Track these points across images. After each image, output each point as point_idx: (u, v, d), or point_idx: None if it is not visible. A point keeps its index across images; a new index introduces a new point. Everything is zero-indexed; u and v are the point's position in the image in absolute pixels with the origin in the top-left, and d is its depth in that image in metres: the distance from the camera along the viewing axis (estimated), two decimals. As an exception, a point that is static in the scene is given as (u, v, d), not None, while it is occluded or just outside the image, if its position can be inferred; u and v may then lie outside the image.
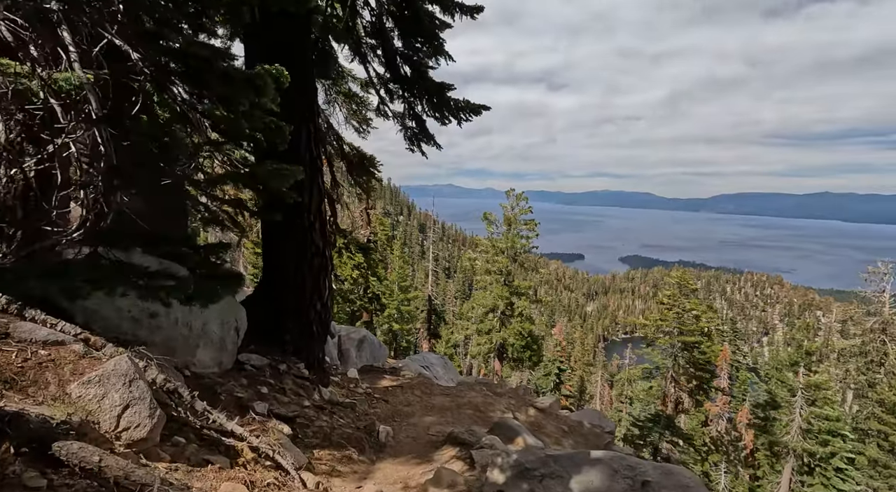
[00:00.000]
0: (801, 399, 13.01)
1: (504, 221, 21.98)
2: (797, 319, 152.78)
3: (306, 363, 4.45)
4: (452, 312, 65.86)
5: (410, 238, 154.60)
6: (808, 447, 12.31)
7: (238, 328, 3.81)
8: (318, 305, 4.51)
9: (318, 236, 4.43)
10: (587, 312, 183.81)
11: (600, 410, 50.72)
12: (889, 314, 29.42)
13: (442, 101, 4.30)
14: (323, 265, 4.54)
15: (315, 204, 4.35)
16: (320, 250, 4.47)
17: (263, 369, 3.96)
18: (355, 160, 11.62)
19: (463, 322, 24.84)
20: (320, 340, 4.68)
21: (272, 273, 4.46)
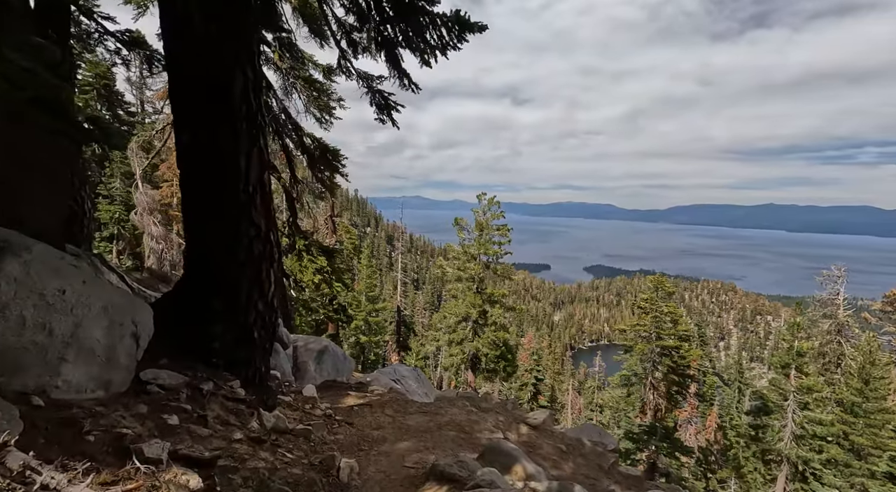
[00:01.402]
0: (793, 403, 12.77)
1: (475, 226, 21.27)
2: (750, 324, 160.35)
3: (243, 380, 3.38)
4: (422, 324, 64.60)
5: (378, 250, 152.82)
6: (803, 454, 12.02)
7: (137, 334, 2.73)
8: (259, 304, 3.47)
9: (260, 215, 3.41)
10: (554, 322, 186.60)
11: (571, 418, 50.48)
12: (843, 317, 30.61)
13: (415, 11, 3.33)
14: (266, 253, 3.52)
15: (256, 172, 3.34)
16: (263, 233, 3.45)
17: (178, 389, 2.88)
18: (317, 153, 10.54)
19: (434, 333, 23.82)
20: (263, 350, 3.62)
21: (197, 262, 3.40)
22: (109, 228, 18.06)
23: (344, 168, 10.99)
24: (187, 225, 3.38)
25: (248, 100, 3.27)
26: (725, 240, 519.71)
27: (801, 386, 12.76)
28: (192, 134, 3.20)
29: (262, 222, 3.49)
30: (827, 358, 30.83)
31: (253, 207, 3.39)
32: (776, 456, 13.00)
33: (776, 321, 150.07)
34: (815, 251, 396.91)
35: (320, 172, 11.17)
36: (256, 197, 3.41)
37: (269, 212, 3.57)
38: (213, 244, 3.31)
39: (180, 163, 3.31)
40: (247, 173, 3.33)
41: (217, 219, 3.30)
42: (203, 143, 3.19)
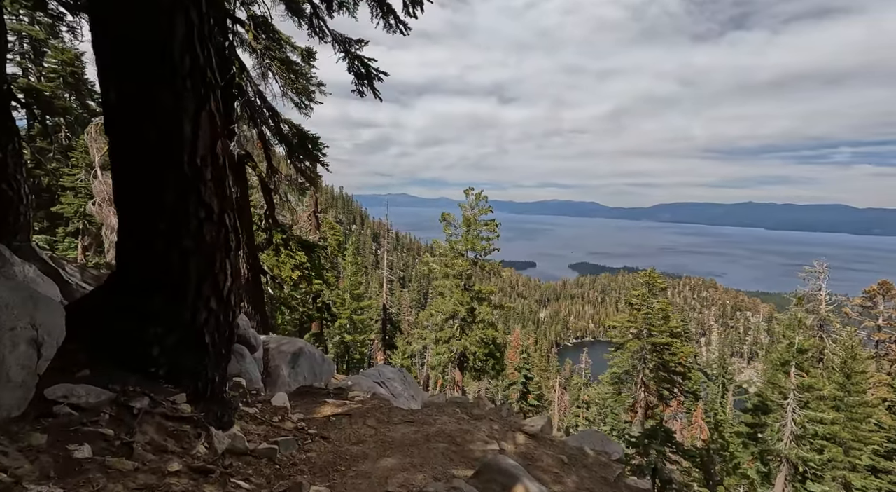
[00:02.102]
0: (793, 402, 12.53)
1: (463, 221, 20.75)
2: (730, 320, 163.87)
3: (191, 393, 2.78)
4: (408, 322, 63.99)
5: (364, 247, 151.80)
6: (804, 455, 11.78)
7: (39, 341, 2.12)
8: (212, 300, 2.87)
9: (212, 193, 2.81)
10: (540, 319, 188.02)
11: (558, 415, 50.53)
12: (825, 312, 31.01)
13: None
14: (221, 239, 2.92)
15: (205, 141, 2.73)
16: (216, 216, 2.84)
17: (98, 409, 2.27)
18: (296, 141, 9.88)
19: (420, 331, 23.27)
20: (218, 356, 3.02)
21: (132, 251, 2.78)
22: (74, 222, 17.00)
23: (325, 157, 10.34)
24: (120, 205, 2.76)
25: (193, 51, 2.66)
26: (706, 237, 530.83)
27: (802, 384, 12.52)
28: (120, 91, 2.59)
29: (214, 202, 2.88)
30: (809, 353, 31.16)
31: (202, 183, 2.78)
32: (775, 457, 12.75)
33: (755, 317, 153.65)
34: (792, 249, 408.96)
35: (299, 162, 10.51)
36: (206, 171, 2.80)
37: (225, 190, 2.96)
38: (152, 229, 2.70)
39: (108, 127, 2.69)
40: (193, 141, 2.72)
41: (156, 197, 2.68)
42: (134, 102, 2.57)
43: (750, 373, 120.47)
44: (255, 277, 10.21)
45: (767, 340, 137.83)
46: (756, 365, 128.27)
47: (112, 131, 2.68)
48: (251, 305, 10.14)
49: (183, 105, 2.65)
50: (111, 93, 2.59)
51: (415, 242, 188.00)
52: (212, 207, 2.87)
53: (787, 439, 12.37)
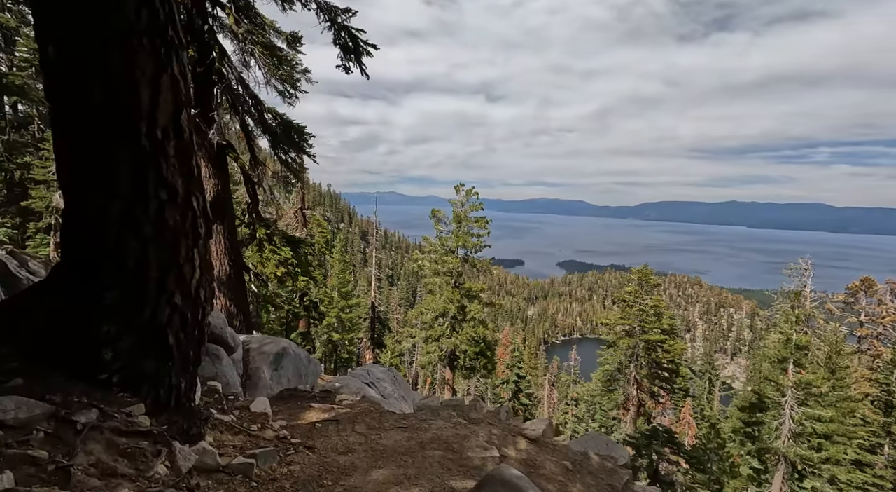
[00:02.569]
0: (791, 399, 12.43)
1: (453, 218, 20.41)
2: (714, 316, 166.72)
3: (152, 403, 2.40)
4: (397, 321, 63.55)
5: (352, 246, 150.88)
6: (802, 453, 11.69)
7: (-51, 343, 1.72)
8: (176, 296, 2.48)
9: (175, 171, 2.42)
10: (528, 317, 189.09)
11: (547, 412, 50.61)
12: (810, 309, 31.43)
13: None
14: (188, 226, 2.53)
15: (167, 109, 2.34)
16: (181, 198, 2.45)
17: (31, 426, 1.88)
18: (280, 131, 9.43)
19: (409, 329, 22.90)
20: (185, 359, 2.64)
21: (81, 239, 2.38)
22: (46, 217, 16.22)
23: (311, 149, 9.91)
24: (66, 185, 2.36)
25: (152, 2, 2.26)
26: (691, 236, 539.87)
27: (800, 381, 12.43)
28: (62, 47, 2.18)
29: (178, 182, 2.49)
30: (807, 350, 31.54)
31: (163, 159, 2.39)
32: (773, 455, 12.67)
33: (738, 314, 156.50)
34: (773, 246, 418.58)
35: (284, 154, 10.06)
36: (168, 145, 2.41)
37: (191, 169, 2.57)
38: (103, 212, 2.30)
39: (49, 92, 2.28)
40: (152, 110, 2.32)
41: (108, 175, 2.29)
42: (79, 61, 2.17)
43: (733, 369, 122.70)
44: (238, 274, 9.74)
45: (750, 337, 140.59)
46: (739, 361, 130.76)
47: (54, 97, 2.27)
48: (234, 303, 9.67)
49: (139, 66, 2.26)
50: (50, 49, 2.18)
51: (403, 240, 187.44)
52: (175, 187, 2.47)
53: (785, 437, 12.30)
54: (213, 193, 9.14)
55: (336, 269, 32.03)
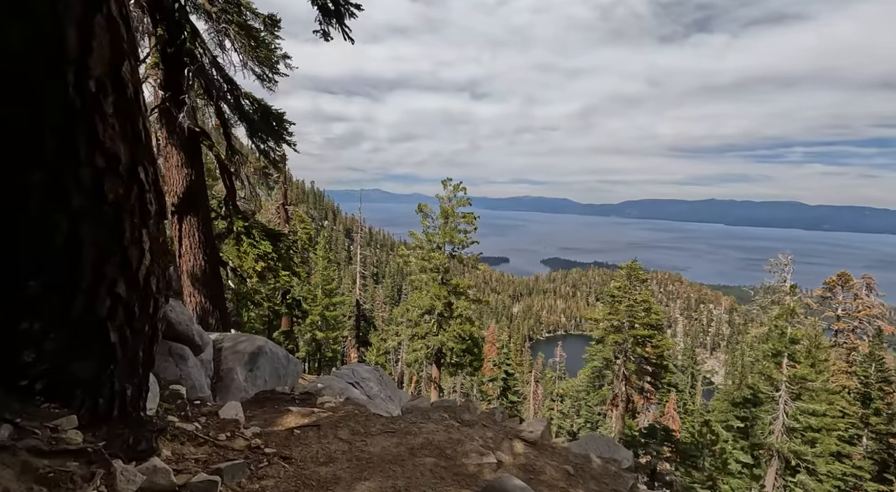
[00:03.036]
0: (784, 394, 12.38)
1: (440, 213, 20.03)
2: (694, 312, 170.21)
3: (88, 414, 1.98)
4: (382, 318, 62.97)
5: (336, 243, 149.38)
6: (797, 448, 11.63)
7: None
8: (119, 285, 2.06)
9: (116, 134, 2.00)
10: (513, 314, 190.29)
11: (533, 409, 50.73)
12: (791, 302, 31.96)
13: None
14: (133, 201, 2.11)
15: (103, 58, 1.92)
16: (123, 166, 2.03)
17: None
18: (257, 118, 8.92)
19: (395, 327, 22.48)
20: (131, 361, 2.21)
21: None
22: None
23: (291, 137, 9.41)
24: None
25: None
26: (671, 233, 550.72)
27: (794, 375, 12.39)
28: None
29: (121, 148, 2.06)
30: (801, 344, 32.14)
31: (99, 118, 1.96)
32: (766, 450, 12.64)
33: (717, 309, 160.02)
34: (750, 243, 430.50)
35: (263, 142, 9.53)
36: (106, 101, 1.98)
37: (138, 133, 2.15)
38: (23, 180, 1.87)
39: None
40: (82, 56, 1.89)
41: (27, 134, 1.85)
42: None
43: (713, 363, 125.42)
44: (214, 270, 9.20)
45: (729, 332, 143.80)
46: (718, 355, 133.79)
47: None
48: (209, 299, 9.14)
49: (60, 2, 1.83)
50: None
51: (388, 237, 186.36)
52: (116, 153, 2.05)
53: (779, 433, 12.26)
54: (185, 183, 8.59)
55: (320, 266, 31.35)
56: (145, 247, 2.24)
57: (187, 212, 8.61)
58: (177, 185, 8.49)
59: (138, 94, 2.20)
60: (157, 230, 2.36)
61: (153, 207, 2.29)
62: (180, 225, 8.67)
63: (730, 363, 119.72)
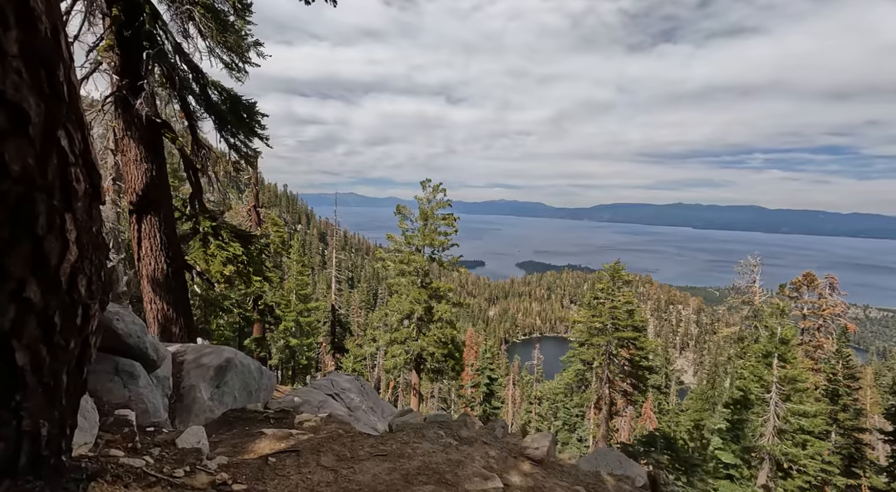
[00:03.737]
0: (775, 395, 12.30)
1: (419, 215, 19.53)
2: (664, 313, 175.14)
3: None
4: (357, 324, 61.78)
5: (310, 248, 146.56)
6: (788, 450, 11.51)
7: None
8: (29, 286, 1.51)
9: (22, 82, 1.44)
10: (489, 317, 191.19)
11: (511, 412, 50.57)
12: (759, 302, 32.90)
13: None
14: (52, 175, 1.56)
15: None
16: (34, 126, 1.48)
17: None
18: (226, 108, 8.25)
19: (372, 332, 21.80)
20: (51, 387, 1.66)
21: None
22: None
23: (264, 130, 8.77)
24: None
25: None
26: (641, 236, 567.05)
27: (785, 376, 12.32)
28: None
29: (30, 103, 1.52)
30: (746, 342, 33.12)
31: None
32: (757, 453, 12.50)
33: (686, 310, 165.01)
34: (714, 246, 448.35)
35: (233, 135, 8.85)
36: (6, 38, 1.44)
37: (58, 88, 1.61)
38: None
39: None
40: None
41: None
42: None
43: (682, 362, 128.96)
44: (178, 274, 8.43)
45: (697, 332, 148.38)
46: (687, 355, 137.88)
47: None
48: (172, 307, 8.37)
49: None
50: None
51: (364, 241, 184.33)
52: (23, 109, 1.50)
53: (770, 435, 12.16)
54: (145, 179, 7.83)
55: (294, 270, 30.30)
56: (70, 237, 1.69)
57: (147, 211, 7.86)
58: (135, 181, 7.73)
59: (58, 35, 1.66)
60: (88, 217, 1.81)
61: (83, 185, 1.75)
62: (139, 225, 7.90)
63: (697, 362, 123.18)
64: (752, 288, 33.55)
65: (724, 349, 40.33)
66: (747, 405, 12.75)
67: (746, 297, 33.21)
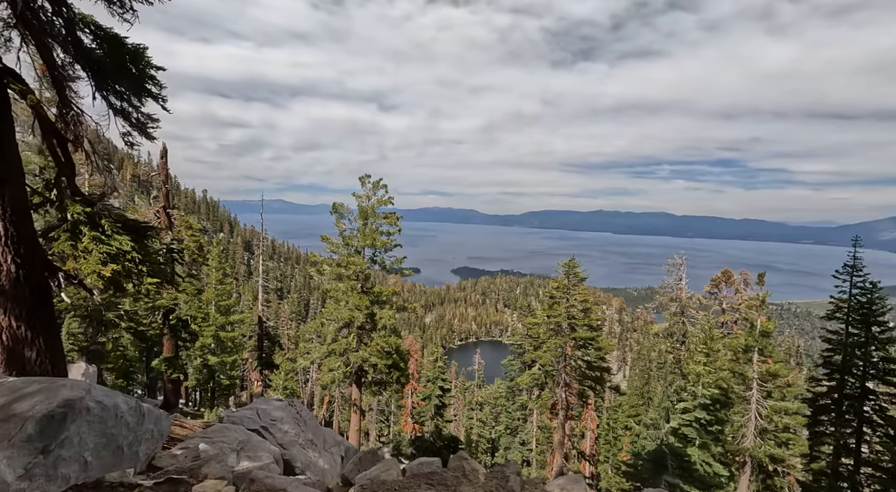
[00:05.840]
0: (756, 392, 11.75)
1: (359, 213, 17.79)
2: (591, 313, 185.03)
3: None
4: (288, 336, 57.60)
5: (234, 257, 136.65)
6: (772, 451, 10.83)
7: None
8: None
9: None
10: (426, 324, 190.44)
11: (453, 418, 49.41)
12: (686, 299, 34.81)
13: None
14: None
15: None
16: None
17: None
18: (104, 55, 6.23)
19: (306, 344, 19.53)
20: None
21: None
22: None
23: (162, 90, 6.80)
24: None
25: None
26: (568, 241, 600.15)
27: (767, 372, 11.80)
28: None
29: None
30: (674, 337, 34.84)
31: None
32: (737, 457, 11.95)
33: (609, 310, 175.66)
34: (632, 249, 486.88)
35: (119, 97, 6.78)
36: None
37: None
38: None
39: None
40: None
41: None
42: None
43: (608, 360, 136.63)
44: (36, 278, 6.18)
45: (619, 330, 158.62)
46: (612, 353, 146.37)
47: None
48: (26, 322, 6.09)
49: None
50: None
51: (294, 249, 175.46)
52: None
53: (752, 436, 11.52)
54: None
55: (213, 278, 26.89)
56: None
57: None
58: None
59: None
60: None
61: None
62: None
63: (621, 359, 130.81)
64: (679, 285, 35.49)
65: (655, 345, 42.24)
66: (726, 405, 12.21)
67: (674, 294, 35.04)
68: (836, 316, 14.98)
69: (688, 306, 33.99)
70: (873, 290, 14.80)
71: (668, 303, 35.41)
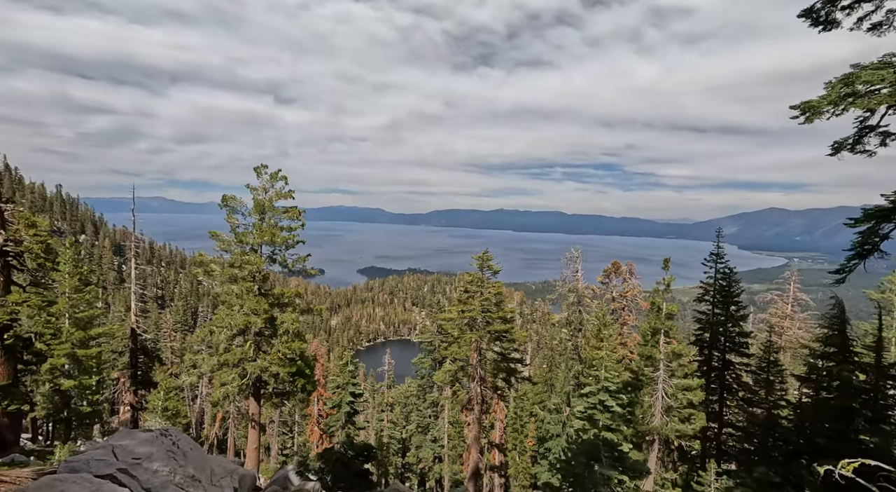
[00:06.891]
0: (663, 372, 12.58)
1: (254, 207, 15.91)
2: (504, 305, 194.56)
3: None
4: (172, 350, 51.00)
5: (102, 262, 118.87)
6: (677, 427, 11.66)
7: None
8: None
9: None
10: (332, 327, 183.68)
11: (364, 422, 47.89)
12: (582, 289, 37.61)
13: None
14: None
15: None
16: None
17: None
18: None
19: (192, 357, 17.06)
20: None
21: None
22: None
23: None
24: None
25: None
26: (471, 239, 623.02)
27: (672, 352, 12.76)
28: None
29: None
30: (572, 325, 37.47)
31: None
32: (647, 436, 12.78)
33: (511, 304, 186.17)
34: (529, 246, 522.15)
35: None
36: None
37: None
38: None
39: None
40: None
41: None
42: None
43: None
44: None
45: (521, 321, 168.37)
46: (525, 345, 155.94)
47: None
48: None
49: None
50: None
51: (177, 253, 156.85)
52: None
53: (660, 414, 12.45)
54: None
55: (67, 286, 22.35)
56: None
57: None
58: None
59: None
60: None
61: None
62: None
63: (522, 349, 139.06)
64: (576, 276, 38.25)
65: (555, 334, 45.06)
66: (637, 387, 13.17)
67: (572, 285, 37.71)
68: (705, 298, 17.36)
69: (584, 296, 36.79)
70: (731, 275, 17.33)
71: (567, 293, 38.01)
